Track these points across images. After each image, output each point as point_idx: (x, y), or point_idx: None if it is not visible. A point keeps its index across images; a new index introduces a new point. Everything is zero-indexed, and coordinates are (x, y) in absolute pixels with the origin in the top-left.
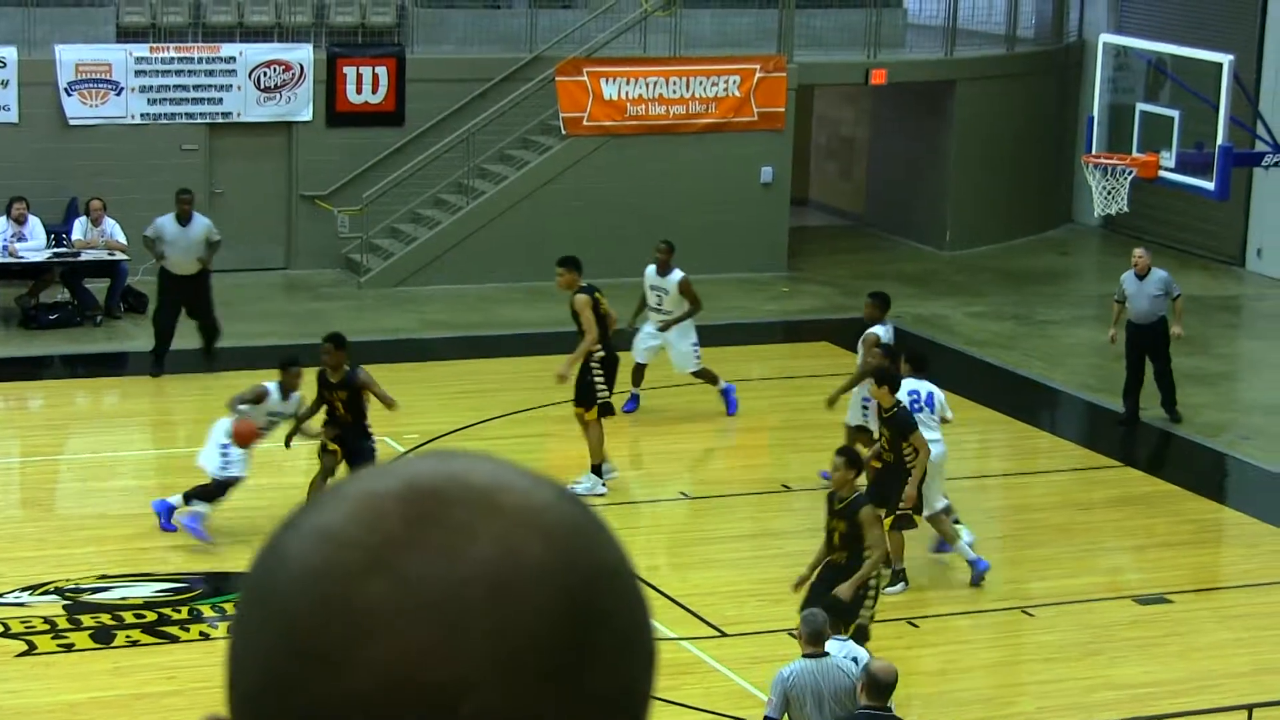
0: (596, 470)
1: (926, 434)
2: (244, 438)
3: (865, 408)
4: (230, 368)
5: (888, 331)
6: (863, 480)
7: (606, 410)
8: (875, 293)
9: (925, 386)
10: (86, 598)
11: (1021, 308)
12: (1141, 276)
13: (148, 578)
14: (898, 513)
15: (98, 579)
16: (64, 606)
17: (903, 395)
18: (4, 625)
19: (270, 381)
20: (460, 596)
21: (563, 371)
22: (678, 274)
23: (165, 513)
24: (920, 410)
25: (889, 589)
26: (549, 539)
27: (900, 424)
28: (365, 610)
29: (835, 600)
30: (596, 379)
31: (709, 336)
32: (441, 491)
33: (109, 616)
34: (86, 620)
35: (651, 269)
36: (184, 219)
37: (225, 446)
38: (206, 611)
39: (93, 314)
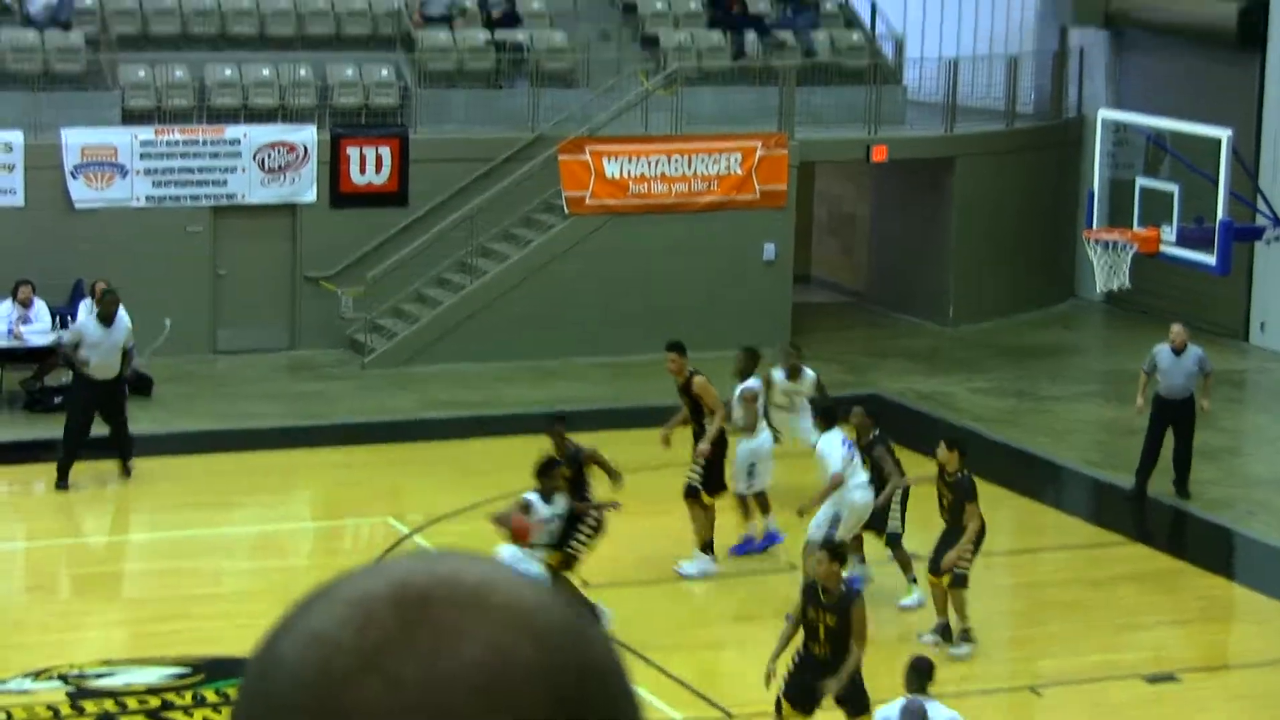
0: (708, 548)
1: (855, 478)
2: (520, 534)
3: (751, 473)
4: (234, 448)
5: (757, 384)
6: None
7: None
8: (747, 347)
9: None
10: (90, 683)
11: (1025, 383)
12: (1178, 352)
13: (152, 662)
14: (955, 571)
15: (101, 664)
16: (67, 693)
17: (838, 443)
18: (6, 713)
19: (529, 492)
20: (450, 698)
21: (704, 450)
22: (811, 374)
23: None
24: (853, 459)
25: (956, 650)
26: (539, 640)
27: (966, 489)
28: (358, 712)
29: (841, 693)
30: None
31: None
32: (432, 594)
33: (112, 702)
34: (90, 706)
35: (780, 374)
36: (107, 320)
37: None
38: (210, 696)
39: None
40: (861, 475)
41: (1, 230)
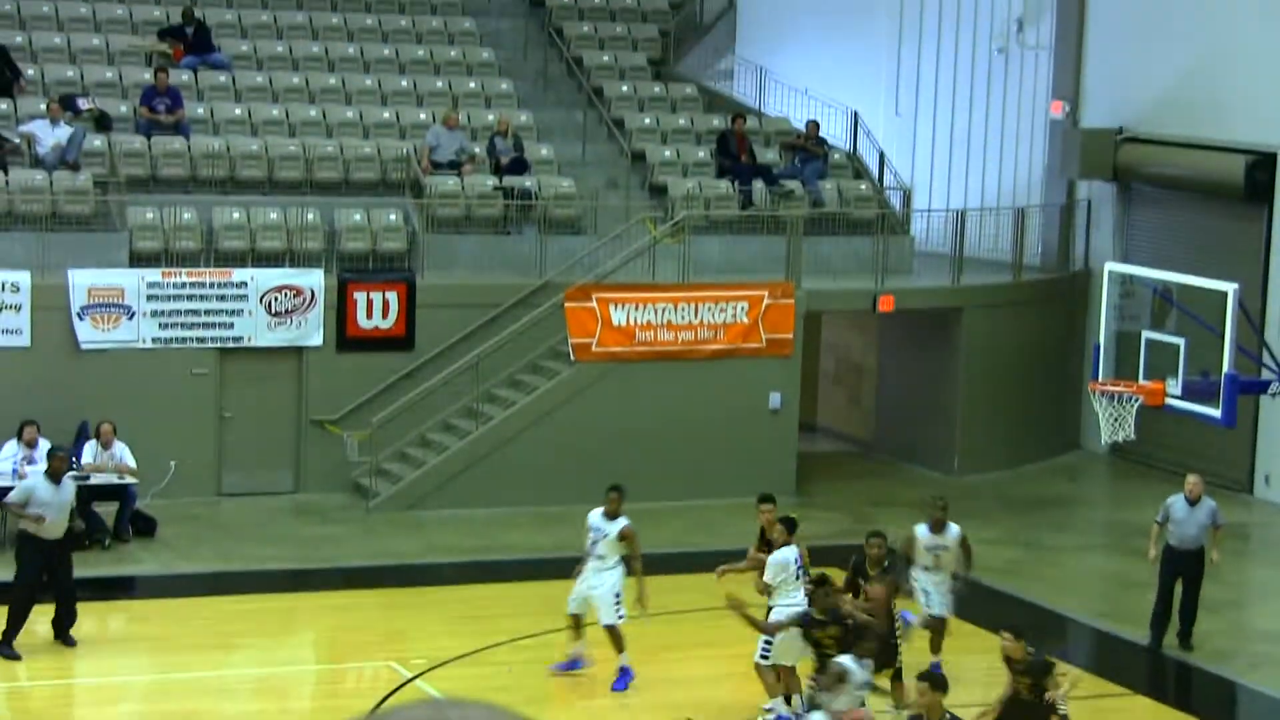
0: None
1: (791, 598)
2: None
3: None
4: (238, 591)
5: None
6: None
7: None
8: (785, 516)
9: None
10: None
11: (1031, 534)
12: (1193, 503)
13: None
14: None
15: None
16: None
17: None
18: None
19: (848, 660)
20: None
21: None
22: (956, 530)
23: None
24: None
25: None
26: None
27: (1040, 669)
28: None
29: None
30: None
31: (718, 561)
32: None
33: None
34: None
35: (923, 528)
36: (56, 478)
37: None
38: None
39: (101, 537)
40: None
41: (8, 370)
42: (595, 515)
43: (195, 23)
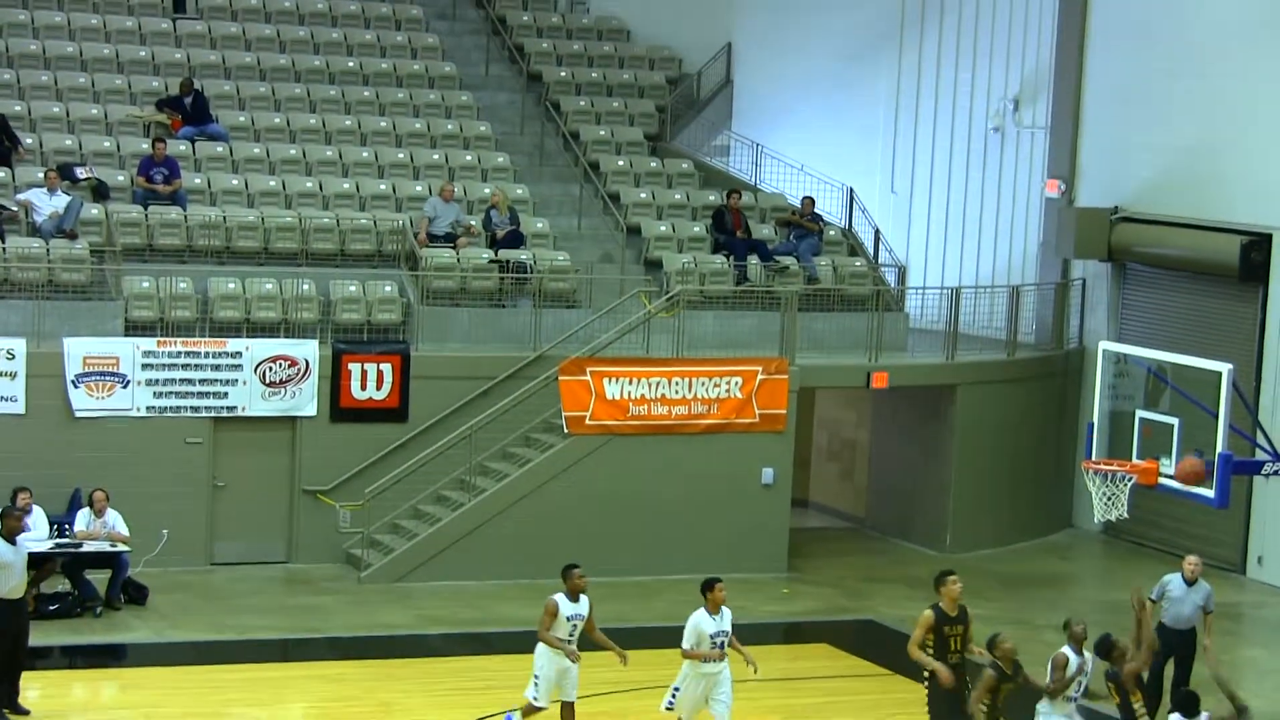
0: None
1: None
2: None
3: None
4: (229, 660)
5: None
6: None
7: None
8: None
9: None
10: None
11: (1023, 612)
12: (1191, 582)
13: None
14: None
15: None
16: None
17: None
18: None
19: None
20: None
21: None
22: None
23: None
24: None
25: None
26: None
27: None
28: None
29: None
30: None
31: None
32: None
33: None
34: None
35: (1069, 649)
36: (11, 537)
37: None
38: None
39: (93, 605)
40: None
41: (2, 437)
42: (1073, 657)
43: (193, 94)
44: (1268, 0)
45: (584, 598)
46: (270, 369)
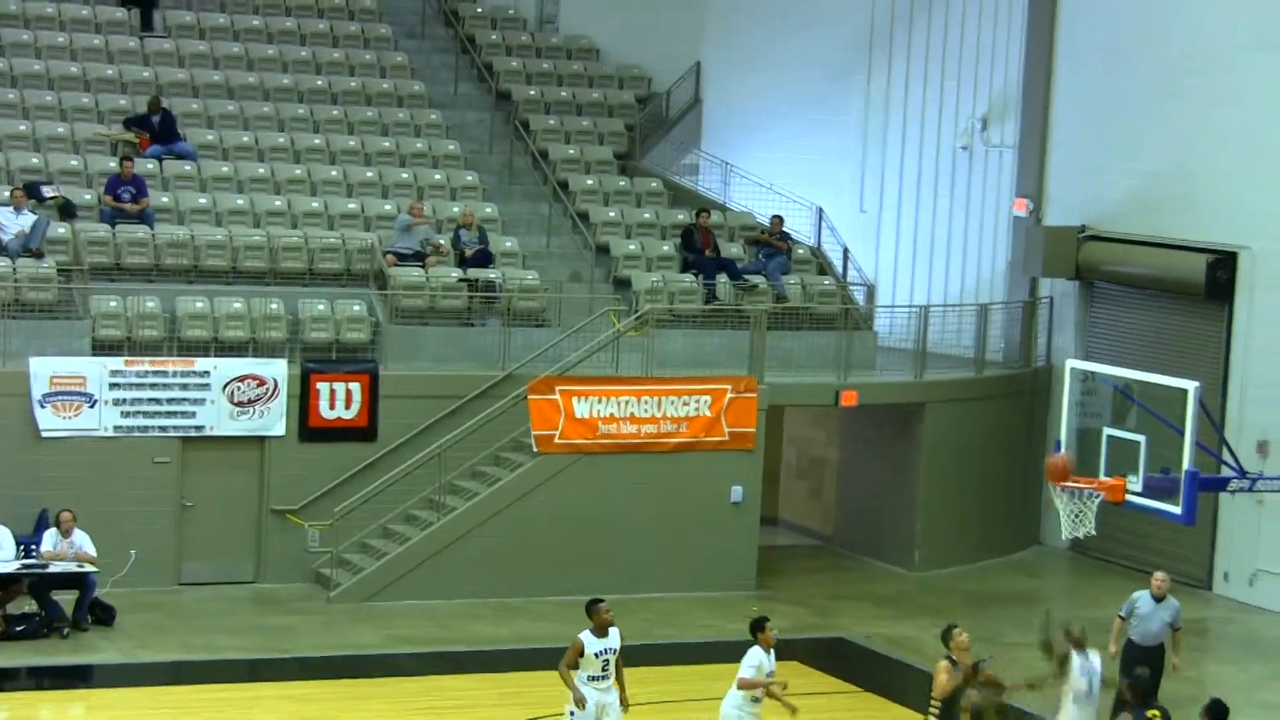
0: None
1: None
2: None
3: None
4: (197, 681)
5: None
6: None
7: None
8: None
9: None
10: None
11: (990, 630)
12: (1159, 599)
13: None
14: None
15: None
16: None
17: None
18: None
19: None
20: None
21: None
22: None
23: None
24: None
25: None
26: None
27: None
28: None
29: None
30: None
31: (678, 654)
32: None
33: None
34: None
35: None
36: None
37: None
38: None
39: (60, 626)
40: None
41: None
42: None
43: (161, 112)
44: (1234, 23)
45: (613, 631)
46: (238, 388)
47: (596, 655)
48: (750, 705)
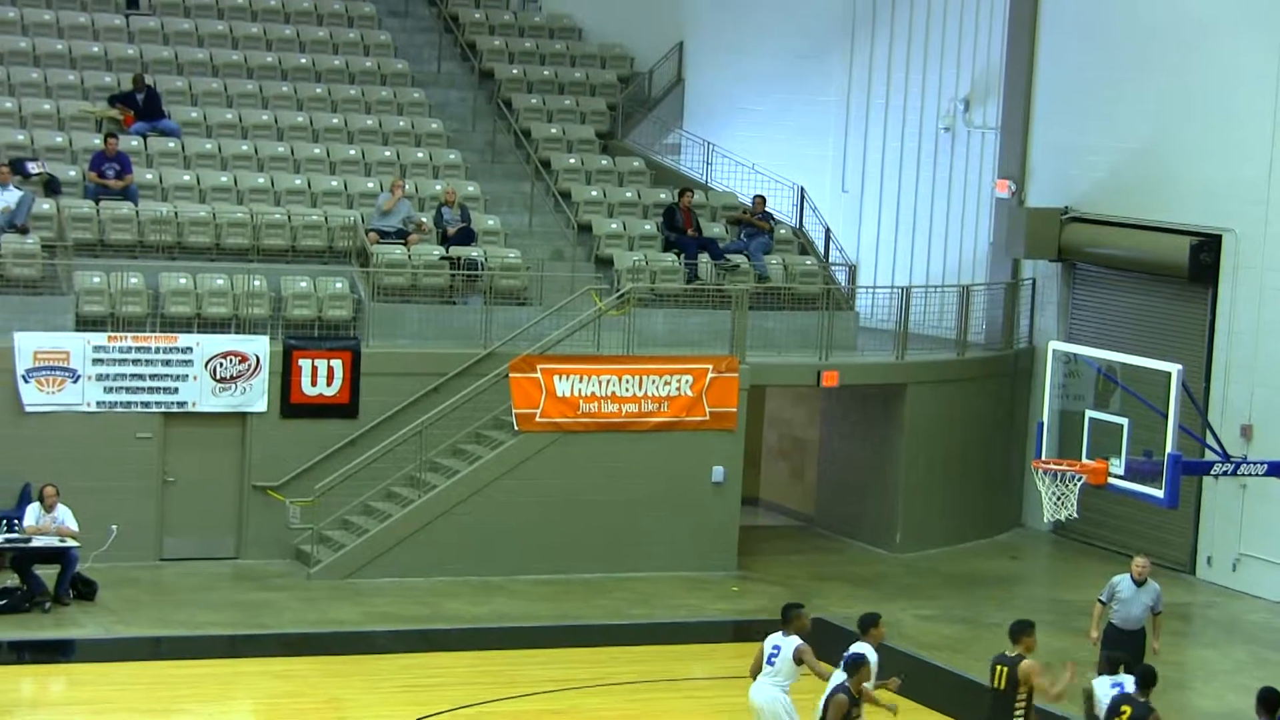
0: None
1: None
2: None
3: None
4: (177, 656)
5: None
6: None
7: None
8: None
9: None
10: None
11: (971, 611)
12: (1140, 583)
13: None
14: None
15: None
16: None
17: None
18: None
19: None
20: None
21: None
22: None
23: None
24: None
25: None
26: None
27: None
28: None
29: None
30: None
31: (656, 634)
32: None
33: None
34: None
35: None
36: None
37: None
38: None
39: (41, 600)
40: None
41: None
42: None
43: (145, 89)
44: (1220, 2)
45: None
46: (221, 364)
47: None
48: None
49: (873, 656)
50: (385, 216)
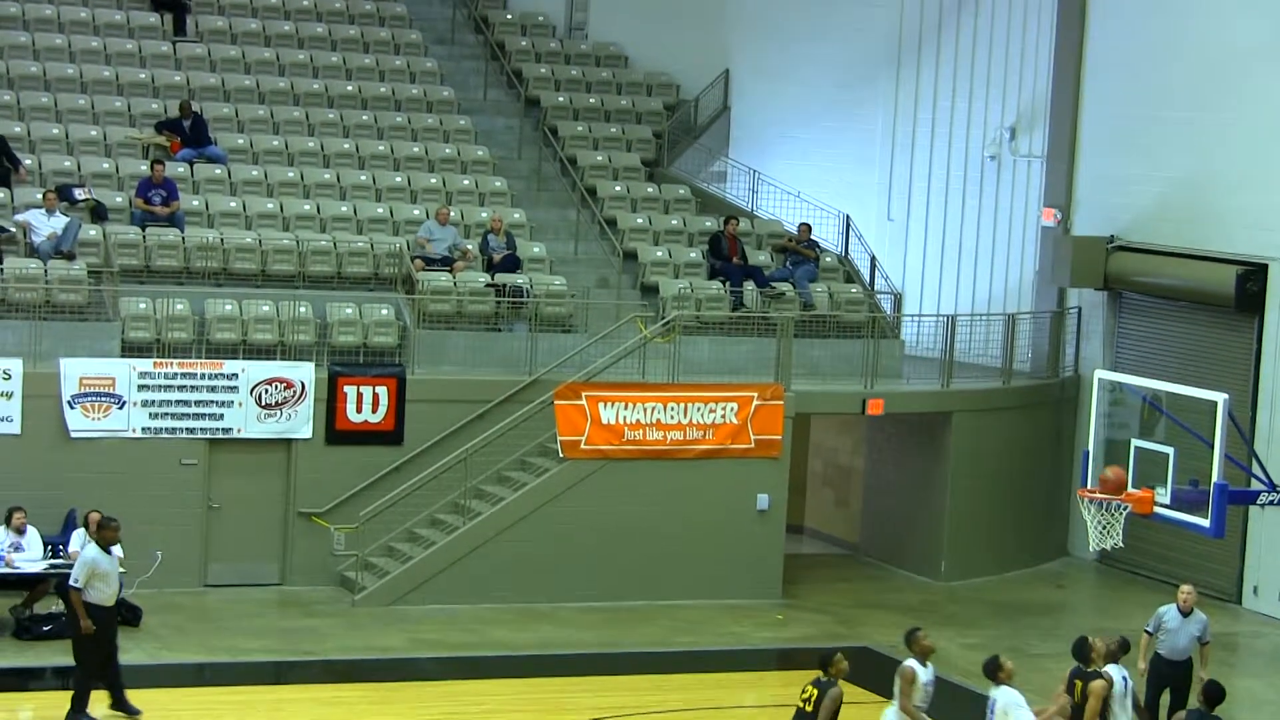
0: None
1: None
2: None
3: None
4: (222, 683)
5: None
6: None
7: None
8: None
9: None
10: None
11: (1016, 640)
12: (1186, 613)
13: None
14: None
15: None
16: None
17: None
18: None
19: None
20: None
21: None
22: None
23: None
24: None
25: None
26: None
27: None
28: None
29: None
30: None
31: (701, 662)
32: None
33: None
34: None
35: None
36: (108, 547)
37: None
38: None
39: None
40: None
41: None
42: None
43: (192, 116)
44: (1263, 32)
45: (930, 663)
46: (266, 391)
47: (925, 685)
48: None
49: (924, 675)
50: (430, 244)
